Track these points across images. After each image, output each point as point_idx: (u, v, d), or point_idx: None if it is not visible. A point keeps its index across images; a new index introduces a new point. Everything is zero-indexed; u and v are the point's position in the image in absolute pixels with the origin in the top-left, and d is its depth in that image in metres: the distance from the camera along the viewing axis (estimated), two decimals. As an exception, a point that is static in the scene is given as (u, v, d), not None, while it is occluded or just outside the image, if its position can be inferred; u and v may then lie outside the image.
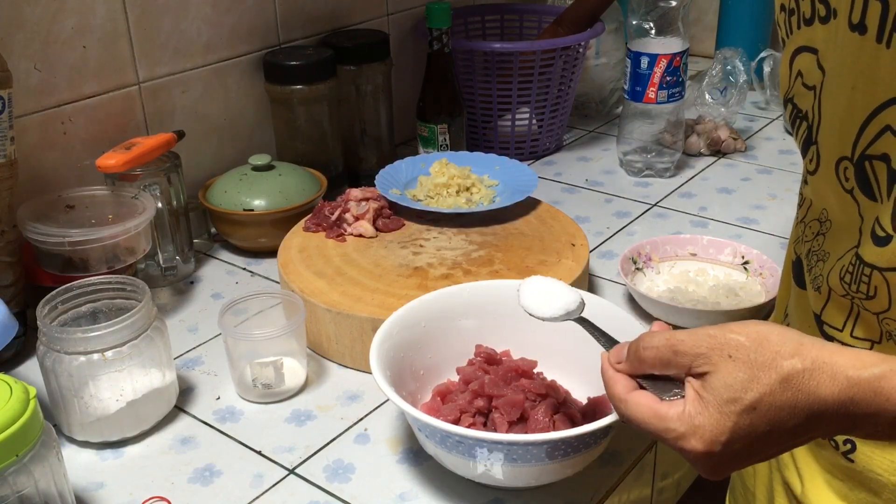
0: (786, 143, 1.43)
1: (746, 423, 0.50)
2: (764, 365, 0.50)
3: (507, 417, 0.72)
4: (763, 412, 0.50)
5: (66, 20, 1.00)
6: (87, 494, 0.74)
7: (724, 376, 0.50)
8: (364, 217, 1.02)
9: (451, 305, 0.82)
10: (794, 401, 0.49)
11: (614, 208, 1.23)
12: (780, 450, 0.53)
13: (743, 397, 0.50)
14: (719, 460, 0.51)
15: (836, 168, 0.58)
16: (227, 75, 1.19)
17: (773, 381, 0.50)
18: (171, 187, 1.02)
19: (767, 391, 0.49)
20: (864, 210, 0.56)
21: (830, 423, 0.50)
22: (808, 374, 0.49)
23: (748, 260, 1.01)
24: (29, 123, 0.99)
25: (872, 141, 0.54)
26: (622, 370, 0.56)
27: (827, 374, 0.49)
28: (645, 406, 0.54)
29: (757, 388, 0.50)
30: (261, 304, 0.89)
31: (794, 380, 0.49)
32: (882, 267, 0.55)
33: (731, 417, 0.50)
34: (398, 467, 0.76)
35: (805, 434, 0.51)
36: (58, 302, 0.79)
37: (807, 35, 0.59)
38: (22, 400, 0.61)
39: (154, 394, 0.80)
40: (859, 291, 0.58)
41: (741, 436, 0.50)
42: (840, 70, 0.56)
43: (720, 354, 0.51)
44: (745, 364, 0.50)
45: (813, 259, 0.63)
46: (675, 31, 1.22)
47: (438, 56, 1.24)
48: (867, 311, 0.58)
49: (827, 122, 0.58)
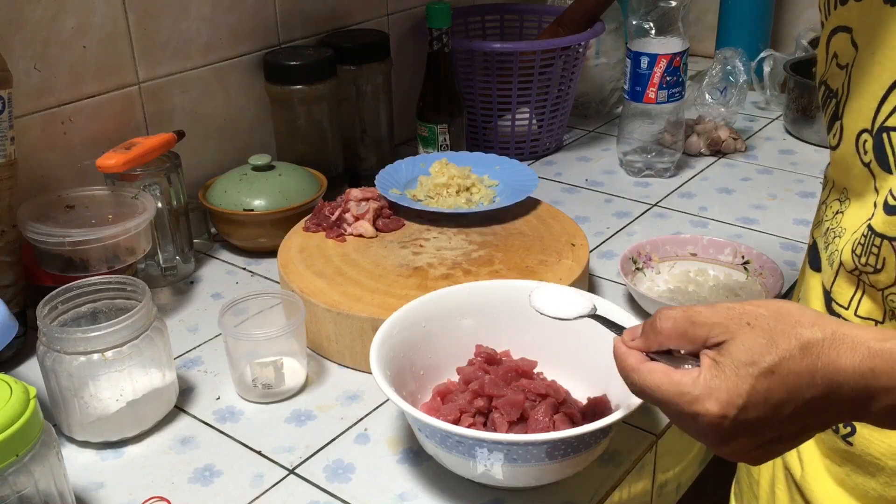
0: (786, 143, 1.43)
1: (764, 387, 0.48)
2: (783, 333, 0.49)
3: (507, 417, 0.72)
4: (781, 377, 0.48)
5: (66, 20, 1.00)
6: (87, 494, 0.74)
7: (742, 342, 0.49)
8: (364, 217, 1.02)
9: (451, 305, 0.82)
10: (812, 368, 0.48)
11: (614, 208, 1.23)
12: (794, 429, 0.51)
13: (761, 360, 0.49)
14: (732, 427, 0.50)
15: (857, 141, 0.58)
16: (227, 75, 1.19)
17: (793, 347, 0.49)
18: (171, 187, 1.02)
19: (787, 356, 0.48)
20: (879, 183, 0.57)
21: (850, 398, 0.49)
22: (827, 343, 0.49)
23: (748, 260, 1.01)
24: (29, 123, 0.99)
25: (892, 113, 0.55)
26: (635, 346, 0.55)
27: (847, 344, 0.48)
28: (659, 372, 0.52)
29: (776, 352, 0.49)
30: (261, 304, 0.89)
31: (813, 347, 0.49)
32: (892, 236, 0.56)
33: (749, 380, 0.49)
34: (398, 467, 0.76)
35: (822, 411, 0.49)
36: (58, 302, 0.79)
37: (843, 15, 0.60)
38: (22, 400, 0.61)
39: (154, 394, 0.80)
40: (868, 265, 0.58)
41: (758, 401, 0.49)
42: (869, 43, 0.57)
43: (738, 323, 0.50)
44: (765, 331, 0.49)
45: (830, 236, 0.64)
46: (675, 31, 1.22)
47: (438, 56, 1.24)
48: (872, 288, 0.59)
49: (853, 96, 0.59)
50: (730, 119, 1.44)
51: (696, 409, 0.50)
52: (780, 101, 1.54)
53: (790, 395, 0.49)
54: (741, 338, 0.50)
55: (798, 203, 1.23)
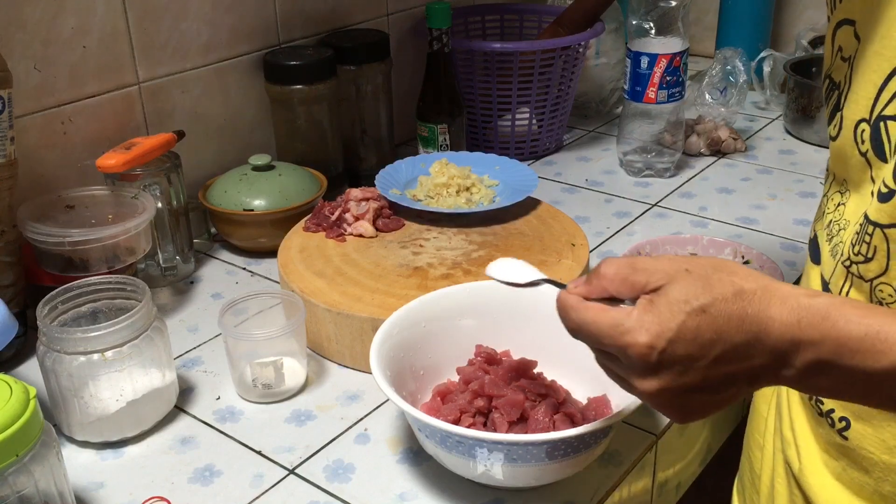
0: (786, 143, 1.43)
1: (694, 324, 0.50)
2: (719, 280, 0.51)
3: (507, 417, 0.72)
4: (712, 317, 0.50)
5: (66, 20, 1.00)
6: (87, 494, 0.74)
7: (679, 284, 0.51)
8: (364, 217, 1.02)
9: (451, 305, 0.82)
10: (742, 313, 0.50)
11: (614, 208, 1.23)
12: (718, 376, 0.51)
13: (694, 300, 0.50)
14: (659, 360, 0.50)
15: (855, 131, 0.59)
16: (227, 75, 1.19)
17: (727, 291, 0.50)
18: (171, 187, 1.02)
19: (720, 297, 0.50)
20: (875, 172, 0.58)
21: (775, 346, 0.50)
22: (760, 293, 0.50)
23: (748, 260, 1.01)
24: (29, 123, 0.99)
25: (889, 102, 0.55)
26: (577, 292, 0.56)
27: (778, 296, 0.50)
28: (595, 308, 0.53)
29: (710, 293, 0.50)
30: (261, 304, 0.89)
31: (746, 294, 0.50)
32: (884, 223, 0.56)
33: (680, 315, 0.50)
34: (398, 467, 0.76)
35: (746, 357, 0.50)
36: (58, 302, 0.79)
37: (847, 7, 0.60)
38: (22, 400, 0.61)
39: (154, 394, 0.80)
40: (859, 254, 0.58)
41: (687, 336, 0.50)
42: (870, 34, 0.57)
43: (677, 269, 0.52)
44: (701, 277, 0.51)
45: (835, 229, 0.64)
46: (675, 31, 1.22)
47: (438, 56, 1.24)
48: (860, 279, 0.59)
49: (854, 87, 0.60)
50: (730, 119, 1.44)
51: (626, 340, 0.51)
52: (780, 101, 1.54)
53: (719, 335, 0.50)
54: (678, 281, 0.51)
55: (798, 203, 1.23)
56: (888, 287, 0.57)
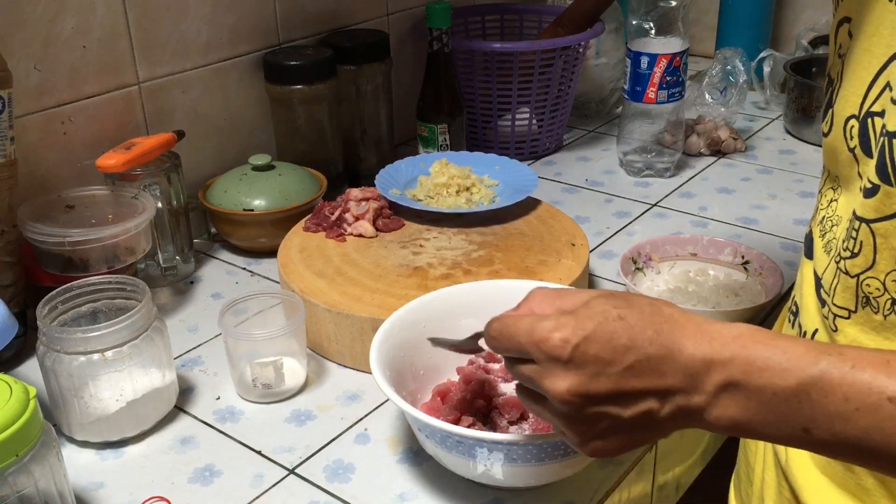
0: (786, 143, 1.43)
1: (610, 328, 0.51)
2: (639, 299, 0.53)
3: (507, 417, 0.72)
4: (628, 325, 0.51)
5: (66, 20, 1.00)
6: (87, 494, 0.74)
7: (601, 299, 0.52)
8: (364, 217, 1.02)
9: (451, 305, 0.82)
10: (658, 328, 0.51)
11: (614, 208, 1.23)
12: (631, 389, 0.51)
13: (613, 309, 0.51)
14: (572, 356, 0.51)
15: (845, 127, 0.59)
16: (227, 75, 1.19)
17: (645, 307, 0.52)
18: (171, 187, 1.02)
19: (637, 310, 0.51)
20: (861, 168, 0.58)
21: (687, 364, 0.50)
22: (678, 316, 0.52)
23: (748, 260, 1.01)
24: (29, 123, 0.99)
25: (877, 98, 0.56)
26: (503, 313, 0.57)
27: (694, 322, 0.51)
28: (514, 315, 0.55)
29: (629, 306, 0.52)
30: (261, 304, 0.89)
31: (664, 314, 0.52)
32: (869, 218, 0.56)
33: (598, 317, 0.51)
34: (398, 467, 0.76)
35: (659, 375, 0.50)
36: (58, 302, 0.79)
37: (846, 6, 0.61)
38: (22, 400, 0.61)
39: (154, 394, 0.80)
40: (847, 249, 0.59)
41: (601, 339, 0.50)
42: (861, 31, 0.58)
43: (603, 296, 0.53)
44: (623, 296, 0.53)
45: (828, 225, 0.65)
46: (675, 31, 1.22)
47: (438, 56, 1.24)
48: (846, 276, 0.59)
49: (844, 84, 0.60)
50: (730, 119, 1.44)
51: (542, 335, 0.51)
52: (780, 101, 1.54)
53: (633, 342, 0.50)
54: (601, 297, 0.53)
55: (798, 203, 1.23)
56: (875, 281, 0.57)
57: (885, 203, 0.55)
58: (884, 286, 0.57)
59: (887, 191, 0.54)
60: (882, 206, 0.55)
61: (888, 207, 0.55)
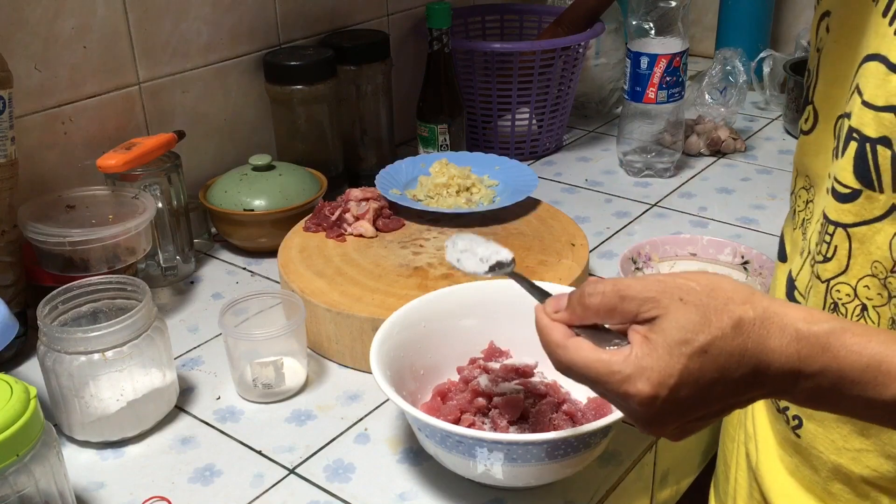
0: (786, 143, 1.43)
1: (696, 366, 0.48)
2: (716, 309, 0.48)
3: (508, 417, 0.72)
4: (713, 357, 0.48)
5: (66, 20, 1.00)
6: (88, 494, 0.74)
7: (675, 318, 0.48)
8: (364, 217, 1.02)
9: (452, 305, 0.82)
10: (743, 348, 0.48)
11: (614, 208, 1.23)
12: (721, 406, 0.50)
13: (694, 339, 0.48)
14: (663, 407, 0.49)
15: (835, 126, 0.59)
16: (227, 75, 1.19)
17: (726, 326, 0.48)
18: (172, 187, 1.02)
19: (719, 335, 0.48)
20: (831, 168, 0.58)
21: (775, 378, 0.49)
22: (759, 323, 0.48)
23: (748, 260, 1.01)
24: (29, 123, 0.99)
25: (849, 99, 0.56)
26: (560, 319, 0.53)
27: (777, 324, 0.48)
28: (587, 349, 0.51)
29: (709, 330, 0.48)
30: (261, 304, 0.89)
31: (745, 326, 0.48)
32: (845, 223, 0.56)
33: (681, 360, 0.48)
34: (398, 467, 0.76)
35: (748, 389, 0.49)
36: (58, 302, 0.79)
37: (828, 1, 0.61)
38: (22, 400, 0.61)
39: (154, 394, 0.80)
40: (819, 253, 0.58)
41: (689, 381, 0.48)
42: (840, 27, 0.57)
43: (671, 297, 0.49)
44: (697, 307, 0.48)
45: (807, 227, 0.64)
46: (675, 31, 1.22)
47: (438, 56, 1.24)
48: (818, 280, 0.59)
49: (824, 80, 0.60)
50: (730, 119, 1.44)
51: (627, 389, 0.49)
52: (779, 101, 1.54)
53: (720, 374, 0.48)
54: (674, 314, 0.49)
55: (798, 203, 1.23)
56: (846, 286, 0.57)
57: (865, 208, 0.54)
58: (854, 292, 0.56)
59: (869, 195, 0.53)
60: (862, 210, 0.54)
61: (868, 212, 0.54)
